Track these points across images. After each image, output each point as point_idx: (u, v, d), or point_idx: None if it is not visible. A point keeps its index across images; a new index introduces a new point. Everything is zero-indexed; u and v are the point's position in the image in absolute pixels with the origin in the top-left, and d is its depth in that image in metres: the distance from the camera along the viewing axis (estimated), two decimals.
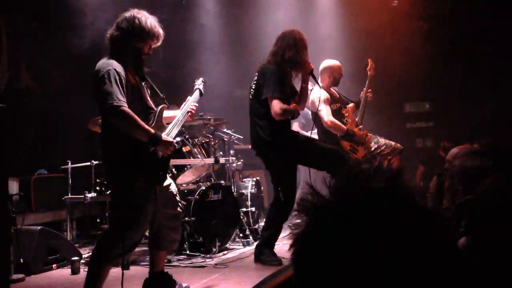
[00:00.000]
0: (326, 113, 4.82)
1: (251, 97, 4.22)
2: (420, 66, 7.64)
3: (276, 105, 3.97)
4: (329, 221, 0.74)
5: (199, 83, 3.58)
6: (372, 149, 5.19)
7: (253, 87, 4.17)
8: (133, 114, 2.84)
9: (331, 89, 5.10)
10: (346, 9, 7.48)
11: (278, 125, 4.05)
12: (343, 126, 4.89)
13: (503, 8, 7.06)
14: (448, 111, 7.95)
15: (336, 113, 5.01)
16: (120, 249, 2.87)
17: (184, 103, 3.41)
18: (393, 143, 5.30)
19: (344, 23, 7.37)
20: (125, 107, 2.82)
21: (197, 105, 3.43)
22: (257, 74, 4.17)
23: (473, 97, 7.83)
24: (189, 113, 3.34)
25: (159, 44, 3.13)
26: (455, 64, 7.74)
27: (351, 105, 5.09)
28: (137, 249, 4.29)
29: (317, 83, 4.50)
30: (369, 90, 5.23)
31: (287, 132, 4.16)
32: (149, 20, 3.03)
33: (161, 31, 3.08)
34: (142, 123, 2.88)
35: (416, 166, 7.58)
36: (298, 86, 4.33)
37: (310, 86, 4.59)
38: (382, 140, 5.28)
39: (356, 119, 5.16)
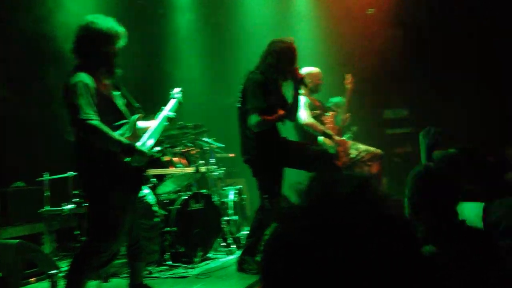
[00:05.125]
0: (306, 115, 4.85)
1: (238, 104, 4.18)
2: (397, 73, 7.75)
3: (252, 119, 3.97)
4: (297, 228, 0.74)
5: (175, 93, 3.52)
6: (352, 155, 5.25)
7: (240, 96, 4.14)
8: (102, 126, 2.79)
9: (312, 96, 5.14)
10: (323, 17, 7.56)
11: (265, 133, 4.04)
12: (320, 127, 4.92)
13: (478, 15, 7.23)
14: (426, 116, 8.07)
15: (316, 120, 5.05)
16: (97, 261, 2.83)
17: (160, 112, 3.36)
18: (372, 149, 5.37)
19: (321, 31, 7.45)
20: (93, 120, 2.77)
21: (173, 113, 3.37)
22: (243, 85, 4.14)
23: (451, 103, 7.97)
24: (167, 121, 3.29)
25: (124, 43, 3.06)
26: (431, 70, 7.87)
27: (331, 112, 5.15)
28: (117, 261, 4.24)
29: (309, 91, 4.50)
30: (348, 103, 5.33)
31: (274, 139, 4.14)
32: (105, 21, 2.98)
33: (121, 29, 3.02)
34: (113, 134, 2.84)
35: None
36: None
37: None
38: (362, 147, 5.35)
39: (337, 127, 5.22)
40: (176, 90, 3.56)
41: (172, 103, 3.44)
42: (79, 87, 2.80)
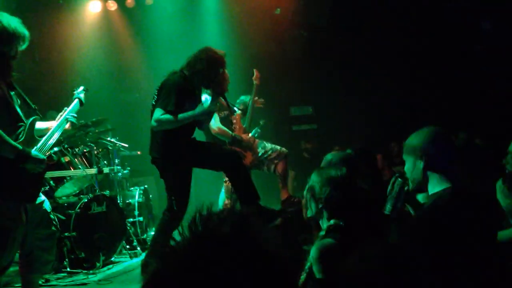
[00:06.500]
0: (214, 120, 4.86)
1: (152, 104, 4.03)
2: (302, 72, 8.05)
3: (155, 114, 3.82)
4: (177, 265, 0.76)
5: (79, 92, 3.40)
6: (259, 154, 5.36)
7: (155, 95, 4.01)
8: None
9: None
10: (231, 15, 7.60)
11: (174, 133, 3.92)
12: (229, 132, 4.98)
13: (376, 18, 7.72)
14: (328, 114, 8.48)
15: (224, 120, 5.09)
16: None
17: (60, 113, 3.23)
18: (278, 147, 5.52)
19: (229, 31, 7.50)
20: None
21: (75, 115, 3.27)
22: (161, 83, 4.00)
23: (352, 101, 8.44)
24: (68, 123, 3.18)
25: (25, 46, 2.92)
26: (334, 69, 8.28)
27: (238, 112, 5.20)
28: (11, 269, 3.97)
29: (229, 107, 4.50)
30: (256, 98, 5.41)
31: (183, 140, 4.06)
32: (11, 21, 2.84)
33: (26, 32, 2.89)
34: (7, 138, 2.69)
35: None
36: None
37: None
38: (269, 145, 5.48)
39: (244, 126, 5.29)
40: (80, 89, 3.43)
41: (74, 103, 3.32)
42: None
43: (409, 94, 7.87)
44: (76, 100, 3.34)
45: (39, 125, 3.03)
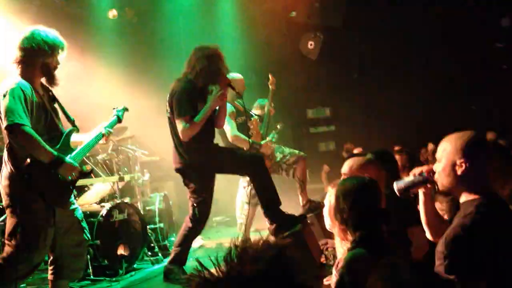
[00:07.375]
0: (230, 127, 4.87)
1: (167, 111, 4.08)
2: (319, 74, 8.02)
3: (179, 127, 3.90)
4: None
5: (119, 110, 3.54)
6: (278, 159, 5.34)
7: (167, 103, 4.06)
8: (34, 134, 2.82)
9: (235, 102, 5.16)
10: (246, 20, 7.61)
11: (196, 141, 3.95)
12: (247, 139, 4.97)
13: (392, 19, 7.65)
14: (346, 115, 8.44)
15: (241, 126, 5.08)
16: (15, 273, 2.84)
17: (97, 127, 3.37)
18: (296, 151, 5.49)
19: (245, 34, 7.50)
20: (26, 126, 2.80)
21: (111, 130, 3.41)
22: (169, 94, 4.04)
23: (369, 102, 8.39)
24: (103, 137, 3.33)
25: (65, 54, 3.12)
26: (350, 71, 8.23)
27: (255, 117, 5.19)
28: (36, 277, 4.04)
29: (246, 113, 4.54)
30: (272, 103, 5.40)
31: (205, 147, 4.08)
32: (49, 32, 3.04)
33: (64, 41, 3.09)
34: (43, 144, 2.84)
35: (320, 168, 7.94)
36: None
37: None
38: (287, 150, 5.46)
39: (261, 132, 5.28)
40: (120, 107, 3.57)
41: (111, 119, 3.46)
42: (16, 92, 2.82)
43: (427, 94, 7.78)
44: (115, 117, 3.49)
45: (76, 137, 3.20)
